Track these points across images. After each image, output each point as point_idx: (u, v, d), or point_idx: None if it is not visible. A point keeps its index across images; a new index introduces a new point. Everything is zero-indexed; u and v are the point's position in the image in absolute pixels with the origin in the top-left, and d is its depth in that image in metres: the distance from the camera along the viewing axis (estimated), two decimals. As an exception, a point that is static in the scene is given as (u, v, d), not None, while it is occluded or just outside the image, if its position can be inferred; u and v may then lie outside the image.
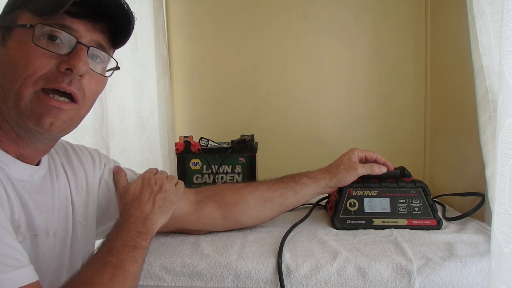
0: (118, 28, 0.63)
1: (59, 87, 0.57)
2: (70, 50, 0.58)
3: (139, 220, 0.66)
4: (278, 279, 0.67)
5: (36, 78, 0.56)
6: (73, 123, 0.62)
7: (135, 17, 0.63)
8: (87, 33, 0.60)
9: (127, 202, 0.71)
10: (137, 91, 1.26)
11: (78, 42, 0.58)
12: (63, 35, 0.58)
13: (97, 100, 0.67)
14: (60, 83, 0.57)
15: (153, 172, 0.80)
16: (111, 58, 0.66)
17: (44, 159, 0.67)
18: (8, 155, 0.59)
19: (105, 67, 0.66)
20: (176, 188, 0.77)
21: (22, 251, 0.51)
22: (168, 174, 0.81)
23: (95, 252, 0.62)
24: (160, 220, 0.70)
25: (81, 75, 0.59)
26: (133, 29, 0.64)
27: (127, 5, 0.62)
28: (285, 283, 0.66)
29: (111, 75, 0.67)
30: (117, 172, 0.80)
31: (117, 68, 0.67)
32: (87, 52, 0.59)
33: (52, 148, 0.70)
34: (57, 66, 0.57)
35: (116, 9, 0.61)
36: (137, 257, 0.61)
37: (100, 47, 0.62)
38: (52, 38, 0.57)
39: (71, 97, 0.59)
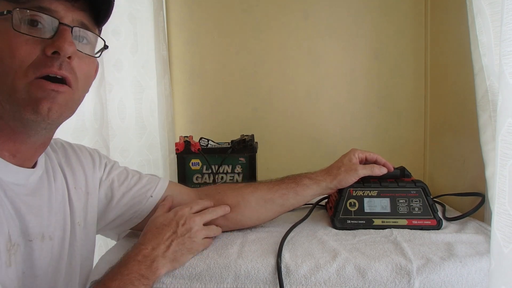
0: (98, 4, 0.61)
1: (50, 72, 0.55)
2: (54, 32, 0.56)
3: (145, 260, 0.64)
4: (278, 279, 0.66)
5: (26, 67, 0.54)
6: (68, 108, 0.60)
7: None
8: (67, 13, 0.57)
9: (146, 232, 0.70)
10: (137, 91, 1.26)
11: (60, 23, 0.56)
12: (44, 18, 0.56)
13: (97, 100, 0.66)
14: (51, 67, 0.55)
15: (195, 210, 0.76)
16: (98, 38, 0.64)
17: (41, 160, 0.66)
18: (1, 159, 0.58)
19: (94, 47, 0.64)
20: (204, 241, 0.74)
21: None
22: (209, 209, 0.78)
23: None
24: (167, 266, 0.67)
25: (69, 57, 0.57)
26: (113, 3, 0.62)
27: None
28: (285, 283, 0.66)
29: (100, 55, 0.66)
30: (164, 200, 0.80)
31: (106, 47, 0.66)
32: (72, 33, 0.58)
33: (50, 148, 0.70)
34: (43, 51, 0.55)
35: None
36: None
37: (84, 26, 0.60)
38: (32, 23, 0.55)
39: (64, 82, 0.57)
